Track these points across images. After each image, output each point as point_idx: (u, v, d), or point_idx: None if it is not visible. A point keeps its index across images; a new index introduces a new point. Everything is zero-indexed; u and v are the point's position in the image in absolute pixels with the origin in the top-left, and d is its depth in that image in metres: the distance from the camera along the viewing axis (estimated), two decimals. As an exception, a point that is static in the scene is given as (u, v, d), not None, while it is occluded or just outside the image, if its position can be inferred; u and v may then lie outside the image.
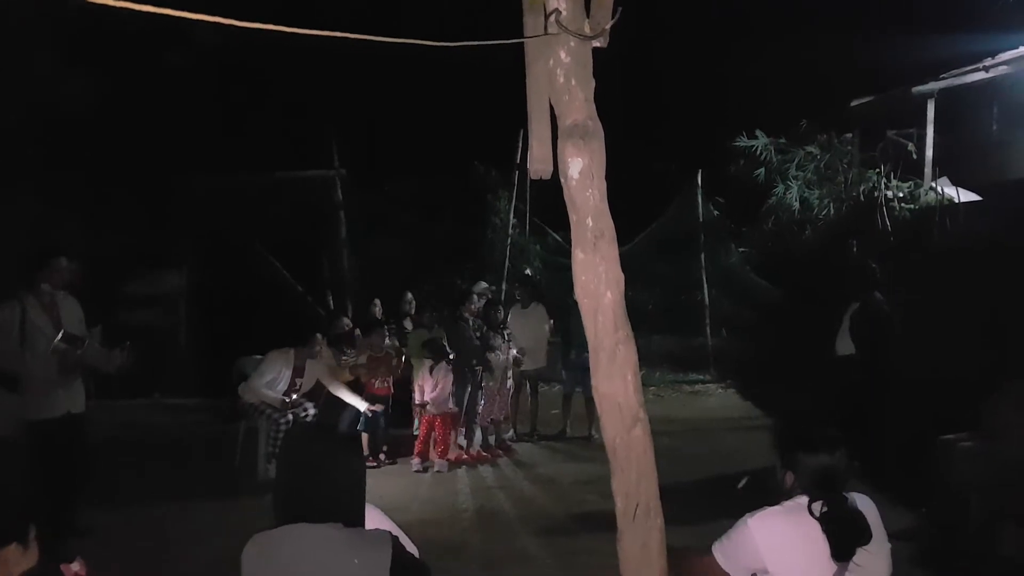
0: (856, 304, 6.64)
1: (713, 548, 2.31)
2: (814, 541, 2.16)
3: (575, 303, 2.25)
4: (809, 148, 10.41)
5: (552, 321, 8.45)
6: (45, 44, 8.83)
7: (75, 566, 2.08)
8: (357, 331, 7.58)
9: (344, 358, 7.25)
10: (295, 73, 12.14)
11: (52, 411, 4.90)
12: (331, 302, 11.68)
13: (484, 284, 8.62)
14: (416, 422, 7.38)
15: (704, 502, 5.44)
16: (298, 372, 6.71)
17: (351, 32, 2.02)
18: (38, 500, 4.45)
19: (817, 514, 2.19)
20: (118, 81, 9.47)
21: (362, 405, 6.86)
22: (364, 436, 7.03)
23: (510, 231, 11.63)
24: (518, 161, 11.20)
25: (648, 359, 10.79)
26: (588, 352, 2.25)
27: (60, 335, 4.86)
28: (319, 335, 6.88)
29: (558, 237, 11.82)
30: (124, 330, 6.14)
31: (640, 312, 9.96)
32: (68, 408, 4.99)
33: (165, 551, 4.92)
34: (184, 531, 5.32)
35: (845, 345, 6.66)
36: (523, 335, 7.95)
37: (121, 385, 8.11)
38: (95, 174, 9.64)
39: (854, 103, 11.17)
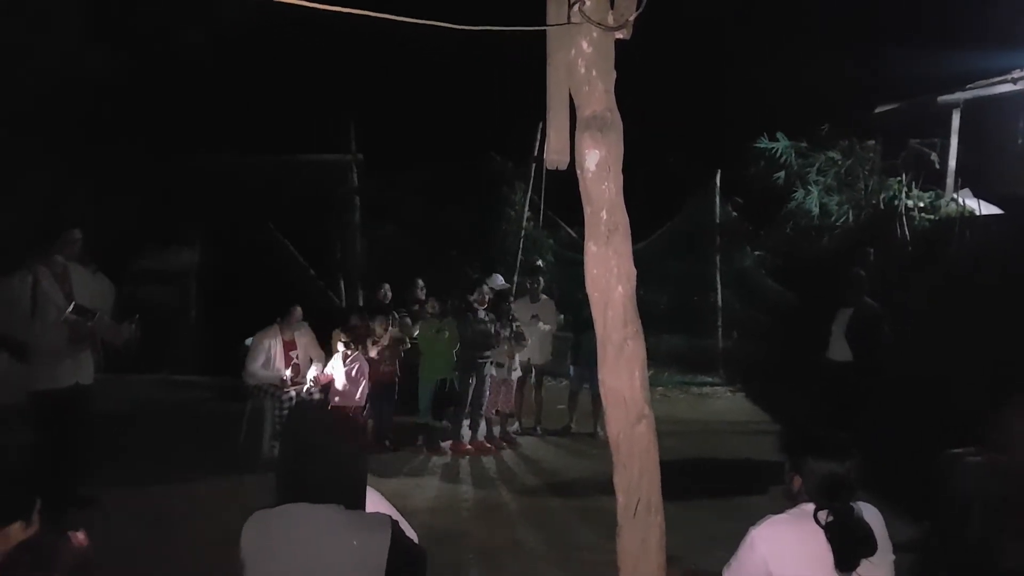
0: (849, 311, 6.65)
1: (723, 573, 2.29)
2: (818, 550, 2.14)
3: (586, 298, 2.23)
4: (831, 153, 10.30)
5: (561, 316, 8.42)
6: (67, 18, 8.87)
7: (80, 535, 2.10)
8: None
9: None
10: (315, 55, 12.14)
11: (60, 381, 4.93)
12: (342, 286, 11.70)
13: (500, 279, 8.55)
14: None
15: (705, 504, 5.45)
16: (289, 346, 6.74)
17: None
18: (43, 471, 4.51)
19: (823, 523, 2.17)
20: (138, 58, 9.50)
21: (314, 371, 6.69)
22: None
23: (524, 223, 11.59)
24: (535, 153, 11.15)
25: (657, 359, 10.74)
26: (597, 348, 2.22)
27: (71, 307, 4.88)
28: (298, 306, 6.87)
29: (571, 231, 11.76)
30: (135, 305, 6.17)
31: (651, 311, 9.90)
32: (76, 379, 5.02)
33: (166, 525, 4.95)
34: (186, 507, 5.35)
35: (840, 351, 6.65)
36: (529, 328, 7.92)
37: (130, 360, 8.16)
38: (112, 149, 9.69)
39: (878, 110, 11.04)
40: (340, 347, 6.76)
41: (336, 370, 6.75)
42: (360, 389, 6.81)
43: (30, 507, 2.21)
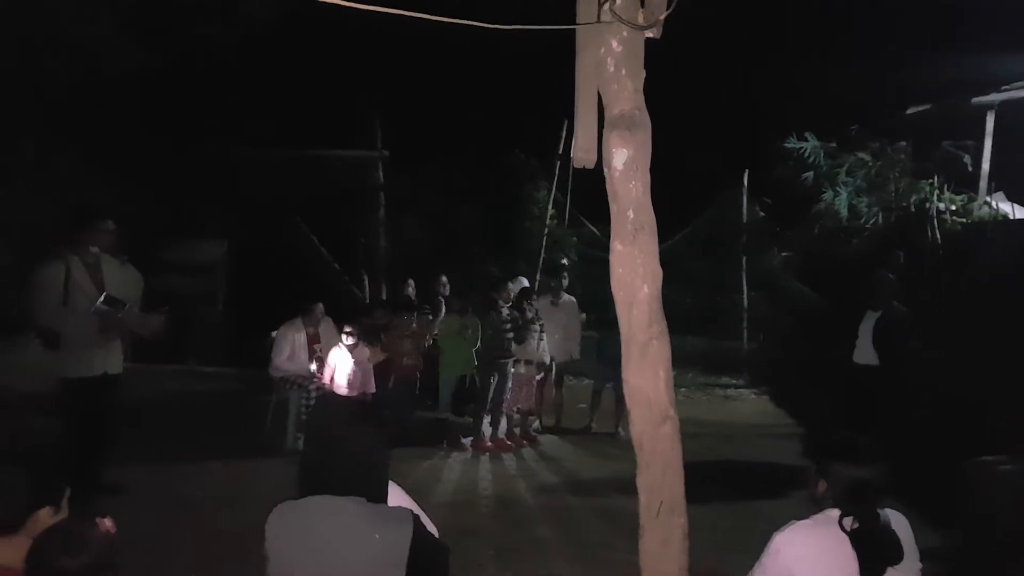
0: (876, 314, 6.56)
1: None
2: (843, 556, 2.11)
3: (610, 297, 2.22)
4: (860, 154, 10.16)
5: (584, 315, 8.39)
6: (98, 10, 8.99)
7: (108, 521, 2.14)
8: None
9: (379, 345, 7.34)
10: (343, 52, 12.21)
11: (90, 370, 5.01)
12: (366, 280, 11.79)
13: (525, 281, 8.54)
14: None
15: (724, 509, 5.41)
16: (313, 338, 6.86)
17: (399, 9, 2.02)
18: (73, 458, 4.58)
19: (848, 529, 2.14)
20: (169, 52, 9.61)
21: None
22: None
23: (547, 221, 11.58)
24: (560, 151, 11.14)
25: (680, 360, 10.61)
26: (620, 348, 2.22)
27: (102, 297, 4.96)
28: (320, 303, 6.99)
29: (595, 229, 11.74)
30: (163, 297, 6.25)
31: (675, 311, 9.82)
32: (106, 368, 5.10)
33: (191, 514, 5.02)
34: (211, 496, 5.42)
35: (866, 354, 6.57)
36: (554, 327, 7.91)
37: (158, 350, 8.28)
38: (143, 141, 9.82)
39: (910, 111, 10.87)
40: (344, 338, 6.80)
41: (341, 361, 6.76)
42: (367, 378, 6.84)
43: (60, 493, 2.26)
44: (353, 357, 6.78)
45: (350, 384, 6.72)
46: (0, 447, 4.90)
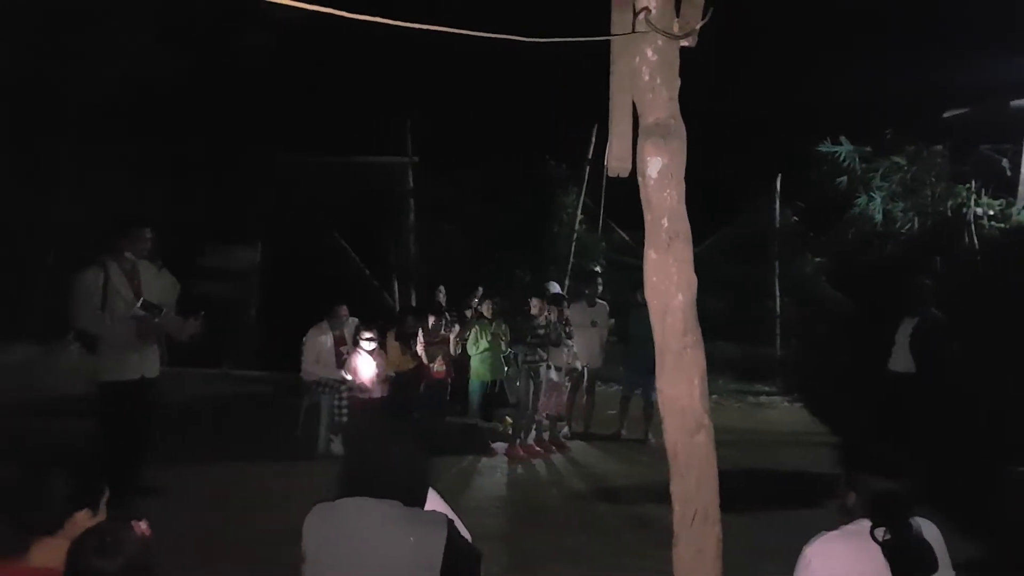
0: (913, 320, 6.44)
1: None
2: (875, 568, 2.08)
3: (640, 303, 2.22)
4: (896, 158, 10.00)
5: (613, 320, 8.36)
6: (134, 20, 9.18)
7: (143, 524, 2.17)
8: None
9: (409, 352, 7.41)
10: (375, 59, 12.33)
11: (128, 374, 5.11)
12: (396, 286, 11.87)
13: (556, 286, 8.53)
14: None
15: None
16: (340, 340, 6.96)
17: (435, 24, 2.04)
18: (110, 460, 4.65)
19: (880, 540, 2.11)
20: (204, 60, 9.78)
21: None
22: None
23: (576, 226, 11.56)
24: (589, 156, 11.12)
25: (712, 366, 10.49)
26: (652, 354, 2.22)
27: (139, 303, 5.06)
28: (344, 306, 7.12)
29: (624, 235, 11.68)
30: (198, 302, 6.37)
31: (706, 317, 9.73)
32: (143, 372, 5.20)
33: (226, 515, 5.08)
34: (245, 497, 5.50)
35: (902, 362, 6.45)
36: (585, 332, 7.89)
37: (193, 354, 8.42)
38: (178, 148, 10.00)
39: (947, 114, 10.67)
40: (364, 344, 6.84)
41: (365, 365, 6.83)
42: (381, 382, 6.91)
43: (98, 496, 2.30)
44: (376, 359, 6.87)
45: (372, 387, 6.79)
46: (39, 450, 5.00)
